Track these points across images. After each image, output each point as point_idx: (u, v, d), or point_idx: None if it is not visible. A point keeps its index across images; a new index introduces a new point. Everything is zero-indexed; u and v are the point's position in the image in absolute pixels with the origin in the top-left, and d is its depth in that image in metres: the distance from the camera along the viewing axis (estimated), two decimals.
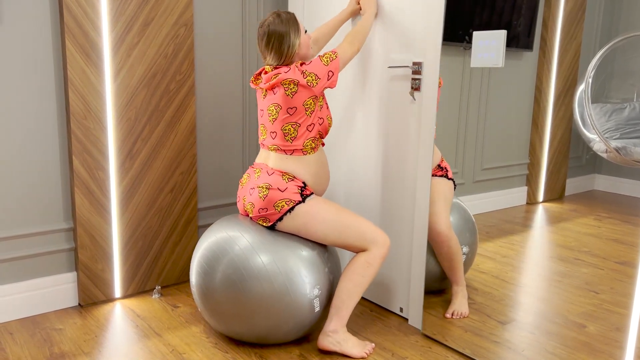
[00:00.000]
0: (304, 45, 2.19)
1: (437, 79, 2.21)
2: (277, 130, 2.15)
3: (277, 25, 2.13)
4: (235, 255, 2.06)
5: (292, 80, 2.08)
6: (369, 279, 2.09)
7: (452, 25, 2.18)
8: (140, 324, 2.40)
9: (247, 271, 2.03)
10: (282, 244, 2.10)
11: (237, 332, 2.15)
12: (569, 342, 1.87)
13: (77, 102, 2.38)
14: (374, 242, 2.09)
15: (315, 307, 2.11)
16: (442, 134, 2.28)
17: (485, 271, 2.19)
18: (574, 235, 1.89)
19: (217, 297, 2.09)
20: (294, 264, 2.06)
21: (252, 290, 2.02)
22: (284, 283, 2.03)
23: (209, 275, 2.10)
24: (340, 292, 2.11)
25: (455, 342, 2.21)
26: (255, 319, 2.07)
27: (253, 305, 2.04)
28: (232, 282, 2.04)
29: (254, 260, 2.04)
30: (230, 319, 2.11)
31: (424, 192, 2.31)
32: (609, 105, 1.80)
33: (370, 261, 2.08)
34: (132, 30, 2.47)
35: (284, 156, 2.17)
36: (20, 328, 2.35)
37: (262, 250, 2.06)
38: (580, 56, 1.93)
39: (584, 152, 1.89)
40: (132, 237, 2.64)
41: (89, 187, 2.47)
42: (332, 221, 2.09)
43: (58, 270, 2.52)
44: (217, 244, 2.13)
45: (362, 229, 2.09)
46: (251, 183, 2.19)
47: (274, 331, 2.11)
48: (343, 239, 2.10)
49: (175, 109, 2.66)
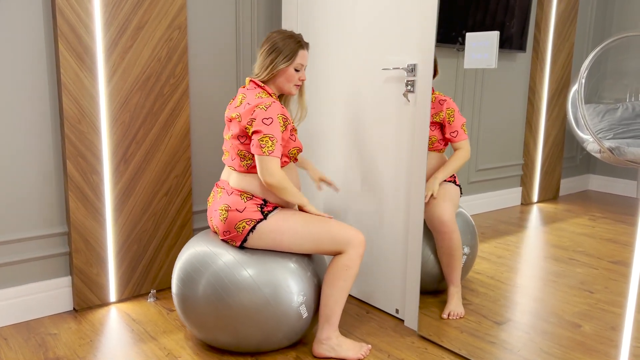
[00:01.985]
0: (287, 76, 2.13)
1: (430, 80, 2.22)
2: (234, 155, 2.14)
3: (279, 39, 2.13)
4: (218, 269, 2.05)
5: (240, 115, 2.07)
6: (350, 280, 2.09)
7: (445, 27, 2.18)
8: (136, 328, 2.39)
9: (231, 284, 2.02)
10: (260, 255, 2.09)
11: (224, 343, 2.14)
12: (565, 341, 1.88)
13: (70, 106, 2.38)
14: (348, 243, 2.07)
15: (303, 314, 2.10)
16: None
17: (481, 272, 2.20)
18: (568, 236, 1.90)
19: (200, 309, 2.08)
20: (274, 275, 2.04)
21: (236, 304, 2.01)
22: (267, 295, 2.02)
23: (189, 287, 2.09)
24: (327, 300, 2.10)
25: (451, 342, 2.22)
26: (242, 331, 2.06)
27: (238, 318, 2.03)
28: (215, 295, 2.03)
29: (238, 273, 2.03)
30: (215, 331, 2.10)
31: (419, 194, 2.31)
32: (602, 106, 1.81)
33: (348, 263, 2.07)
34: (125, 33, 2.47)
35: (242, 175, 2.14)
36: (14, 333, 2.34)
37: (243, 263, 2.05)
38: (573, 57, 1.94)
39: (578, 152, 1.90)
40: (127, 241, 2.63)
41: (83, 191, 2.47)
42: (301, 232, 2.07)
43: (52, 274, 2.51)
44: (198, 259, 2.12)
45: (334, 233, 2.07)
46: (215, 204, 2.18)
47: (264, 343, 2.11)
48: (317, 246, 2.09)
49: (170, 112, 2.66)
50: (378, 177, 2.53)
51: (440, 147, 2.30)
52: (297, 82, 2.16)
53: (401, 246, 2.47)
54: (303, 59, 2.15)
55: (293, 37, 2.14)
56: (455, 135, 2.24)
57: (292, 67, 2.13)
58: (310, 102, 2.85)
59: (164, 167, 2.69)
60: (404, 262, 2.46)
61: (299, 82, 2.17)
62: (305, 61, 2.17)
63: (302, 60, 2.15)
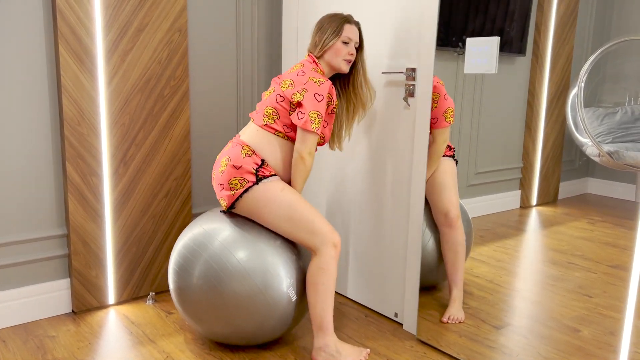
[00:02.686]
0: (335, 50, 2.16)
1: (430, 85, 2.21)
2: (261, 109, 2.16)
3: (326, 18, 2.19)
4: (208, 257, 2.06)
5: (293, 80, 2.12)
6: (330, 282, 2.07)
7: (445, 31, 2.18)
8: (135, 331, 2.39)
9: (222, 273, 2.02)
10: (247, 238, 2.08)
11: (220, 335, 2.14)
12: (563, 346, 1.87)
13: (70, 108, 2.38)
14: (323, 243, 2.05)
15: (292, 297, 2.10)
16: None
17: (480, 275, 2.19)
18: (567, 239, 1.89)
19: (194, 299, 2.09)
20: (263, 260, 2.05)
21: (227, 291, 2.01)
22: (256, 281, 2.02)
23: (183, 279, 2.10)
24: (314, 308, 2.09)
25: (450, 347, 2.21)
26: (236, 320, 2.06)
27: (230, 306, 2.03)
28: (208, 284, 2.04)
29: (227, 260, 2.03)
30: (211, 322, 2.10)
31: (419, 197, 2.31)
32: (601, 109, 1.81)
33: (323, 266, 2.05)
34: (126, 35, 2.48)
35: (255, 128, 2.16)
36: (12, 335, 2.34)
37: (232, 249, 2.05)
38: (572, 60, 1.94)
39: (577, 156, 1.89)
40: (126, 243, 2.63)
41: (83, 193, 2.47)
42: (285, 210, 2.05)
43: (51, 276, 2.51)
44: (189, 249, 2.13)
45: (314, 226, 2.05)
46: (220, 157, 2.20)
47: (259, 332, 2.10)
48: (293, 231, 2.07)
49: (170, 114, 2.66)
50: (377, 181, 2.53)
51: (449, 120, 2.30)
52: (346, 56, 2.17)
53: (400, 251, 2.46)
54: (350, 32, 2.17)
55: (340, 14, 2.19)
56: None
57: (339, 40, 2.16)
58: None
59: (164, 169, 2.69)
60: (403, 266, 2.46)
61: (348, 57, 2.18)
62: (354, 35, 2.18)
63: (349, 33, 2.17)
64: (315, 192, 2.88)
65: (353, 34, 2.18)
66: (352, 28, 2.18)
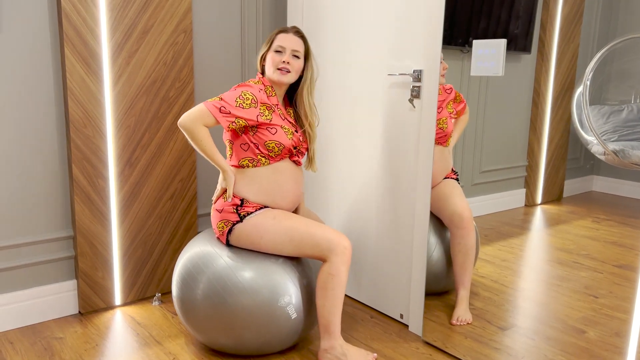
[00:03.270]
0: (270, 61, 2.13)
1: (437, 86, 2.20)
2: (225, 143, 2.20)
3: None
4: (215, 271, 2.07)
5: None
6: (339, 288, 2.05)
7: (451, 30, 2.17)
8: (141, 332, 2.40)
9: (226, 288, 2.04)
10: (248, 257, 2.10)
11: (222, 346, 2.16)
12: (569, 348, 1.85)
13: (76, 110, 2.40)
14: (331, 250, 2.03)
15: (291, 315, 2.08)
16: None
17: (485, 275, 2.17)
18: (572, 238, 1.87)
19: (198, 312, 2.10)
20: (259, 277, 2.05)
21: (230, 307, 2.02)
22: (254, 298, 2.02)
23: (188, 289, 2.12)
24: (321, 311, 2.08)
25: (456, 349, 2.19)
26: (240, 335, 2.07)
27: (235, 322, 2.04)
28: (213, 299, 2.05)
29: (231, 277, 2.05)
30: (214, 334, 2.12)
31: (424, 199, 2.29)
32: (606, 107, 1.79)
33: (333, 272, 2.03)
34: (131, 37, 2.49)
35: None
36: (20, 337, 2.35)
37: (234, 268, 2.06)
38: (578, 58, 1.92)
39: (582, 154, 1.87)
40: (132, 244, 2.64)
41: (89, 195, 2.48)
42: (281, 237, 2.06)
43: (58, 278, 2.53)
44: (195, 262, 2.14)
45: (316, 239, 2.04)
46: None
47: (264, 346, 2.11)
48: (299, 251, 2.08)
49: (175, 115, 2.67)
50: (383, 183, 2.52)
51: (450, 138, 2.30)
52: (280, 64, 2.11)
53: (406, 251, 2.45)
54: (283, 41, 2.12)
55: (281, 27, 2.18)
56: (463, 107, 2.23)
57: (271, 51, 2.13)
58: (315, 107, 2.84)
59: (169, 171, 2.70)
60: (408, 267, 2.44)
61: (282, 65, 2.11)
62: (289, 44, 2.12)
63: (281, 42, 2.12)
64: (321, 194, 2.87)
65: (288, 42, 2.13)
66: (287, 37, 2.13)
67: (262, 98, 2.09)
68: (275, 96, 2.16)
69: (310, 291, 2.15)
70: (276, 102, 2.15)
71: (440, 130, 2.24)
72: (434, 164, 2.26)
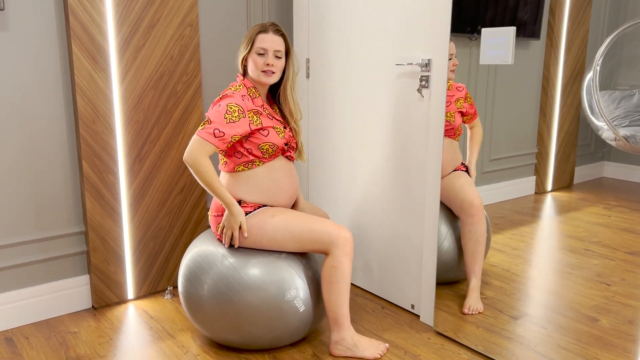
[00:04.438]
0: (253, 63, 2.11)
1: (445, 75, 2.18)
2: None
3: (248, 31, 2.19)
4: (220, 270, 2.08)
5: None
6: (344, 280, 2.05)
7: (459, 20, 2.14)
8: (154, 326, 2.42)
9: (232, 286, 2.04)
10: (256, 254, 2.11)
11: (229, 342, 2.17)
12: (582, 336, 1.83)
13: (85, 106, 2.41)
14: (332, 243, 2.03)
15: (300, 308, 2.09)
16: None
17: (496, 264, 2.15)
18: (583, 225, 1.85)
19: (205, 308, 2.11)
20: (264, 272, 2.05)
21: (238, 304, 2.03)
22: (260, 293, 2.02)
23: (194, 285, 2.13)
24: (328, 304, 2.09)
25: (468, 338, 2.18)
26: (247, 331, 2.08)
27: (242, 318, 2.05)
28: (220, 296, 2.06)
29: (236, 275, 2.05)
30: (221, 331, 2.13)
31: (435, 188, 2.28)
32: (617, 93, 1.76)
33: (336, 265, 2.03)
34: (137, 32, 2.49)
35: (222, 175, 2.20)
36: (35, 332, 2.38)
37: (238, 267, 2.07)
38: (587, 43, 1.89)
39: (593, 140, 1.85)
40: (143, 238, 2.66)
41: (99, 191, 2.50)
42: (281, 234, 2.06)
43: (71, 273, 2.55)
44: (201, 259, 2.16)
45: (316, 234, 2.04)
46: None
47: (275, 340, 2.12)
48: (300, 246, 2.08)
49: (183, 110, 2.67)
50: (392, 173, 2.51)
51: (459, 133, 2.28)
52: (264, 67, 2.10)
53: (417, 242, 2.44)
54: (264, 42, 2.09)
55: (258, 25, 2.14)
56: (474, 114, 2.22)
57: (253, 53, 2.11)
58: (323, 98, 2.83)
59: (178, 165, 2.71)
60: (419, 257, 2.43)
61: (266, 68, 2.10)
62: (271, 44, 2.10)
63: (262, 44, 2.09)
64: (330, 187, 2.87)
65: (269, 43, 2.09)
66: (267, 37, 2.10)
67: (248, 105, 2.08)
68: (259, 97, 2.15)
69: (317, 283, 2.15)
70: (261, 103, 2.15)
71: (447, 123, 2.22)
72: (443, 155, 2.24)
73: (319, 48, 2.82)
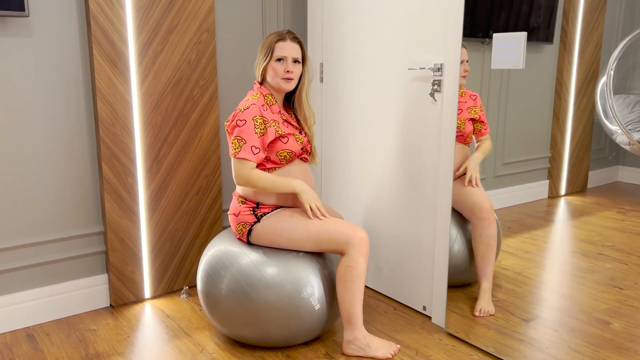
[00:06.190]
0: (273, 71, 2.15)
1: (457, 79, 2.20)
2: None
3: (264, 39, 2.21)
4: (239, 268, 2.12)
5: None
6: (358, 280, 2.08)
7: (471, 25, 2.16)
8: (170, 324, 2.46)
9: (250, 283, 2.09)
10: (269, 251, 2.15)
11: (246, 339, 2.21)
12: (594, 339, 1.83)
13: (105, 110, 2.46)
14: (348, 243, 2.06)
15: (315, 306, 2.12)
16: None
17: (508, 267, 2.16)
18: (597, 230, 1.85)
19: (223, 306, 2.15)
20: (280, 270, 2.09)
21: (256, 301, 2.07)
22: (277, 291, 2.06)
23: (213, 284, 2.17)
24: (342, 303, 2.12)
25: (479, 340, 2.19)
26: (265, 329, 2.12)
27: (260, 316, 2.09)
28: (238, 293, 2.11)
29: (255, 272, 2.09)
30: (239, 328, 2.17)
31: (446, 191, 2.29)
32: (632, 97, 1.76)
33: (351, 264, 2.06)
34: (156, 38, 2.54)
35: None
36: (55, 329, 2.44)
37: (258, 263, 2.11)
38: (601, 47, 1.89)
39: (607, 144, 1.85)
40: (160, 239, 2.71)
41: (118, 192, 2.55)
42: (299, 233, 2.10)
43: (90, 272, 2.61)
44: (220, 258, 2.20)
45: (333, 234, 2.07)
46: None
47: (290, 338, 2.15)
48: (317, 246, 2.11)
49: (199, 113, 2.72)
50: (405, 175, 2.52)
51: (470, 140, 2.29)
52: (283, 74, 2.15)
53: (428, 244, 2.45)
54: (282, 50, 2.14)
55: (275, 33, 2.18)
56: (485, 128, 2.23)
57: (272, 60, 2.15)
58: (337, 102, 2.86)
59: (195, 167, 2.75)
60: (431, 259, 2.45)
61: (285, 75, 2.15)
62: (289, 52, 2.15)
63: (281, 52, 2.14)
64: (343, 188, 2.89)
65: (288, 50, 2.14)
66: (285, 45, 2.15)
67: (268, 114, 2.14)
68: (276, 103, 2.21)
69: (332, 282, 2.18)
70: (278, 110, 2.20)
71: (457, 130, 2.24)
72: (454, 158, 2.25)
73: (332, 53, 2.85)
